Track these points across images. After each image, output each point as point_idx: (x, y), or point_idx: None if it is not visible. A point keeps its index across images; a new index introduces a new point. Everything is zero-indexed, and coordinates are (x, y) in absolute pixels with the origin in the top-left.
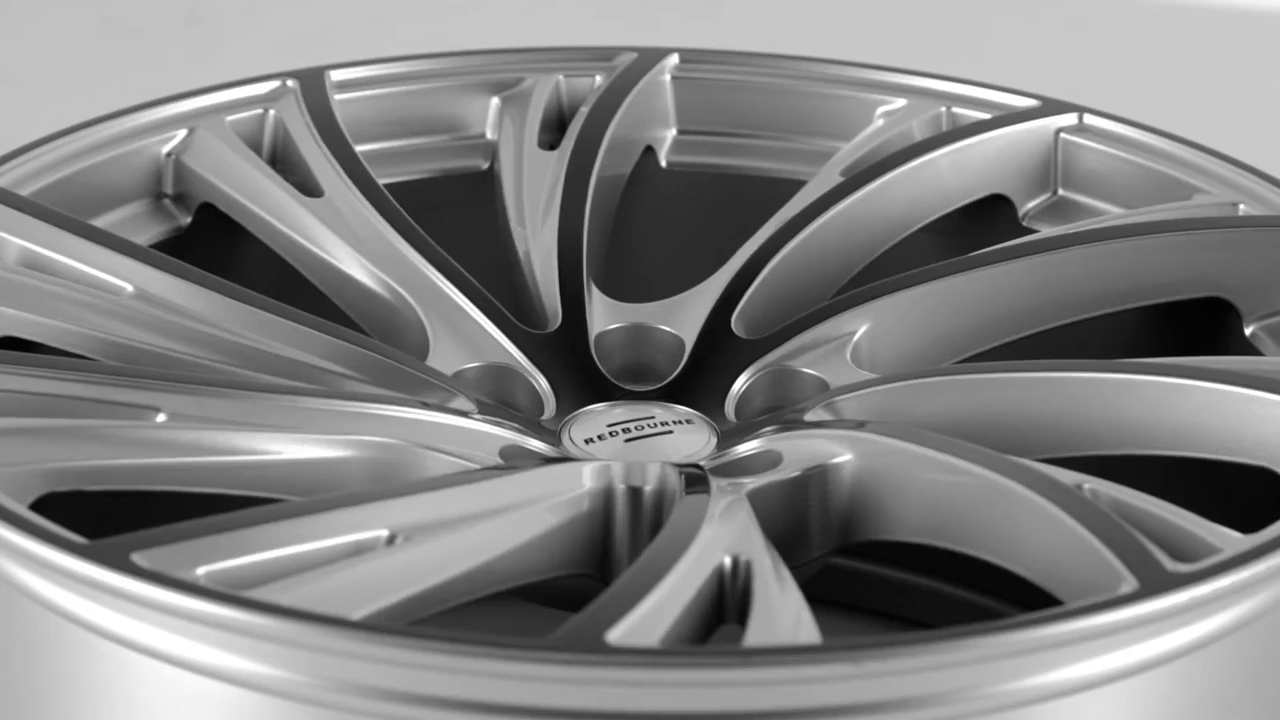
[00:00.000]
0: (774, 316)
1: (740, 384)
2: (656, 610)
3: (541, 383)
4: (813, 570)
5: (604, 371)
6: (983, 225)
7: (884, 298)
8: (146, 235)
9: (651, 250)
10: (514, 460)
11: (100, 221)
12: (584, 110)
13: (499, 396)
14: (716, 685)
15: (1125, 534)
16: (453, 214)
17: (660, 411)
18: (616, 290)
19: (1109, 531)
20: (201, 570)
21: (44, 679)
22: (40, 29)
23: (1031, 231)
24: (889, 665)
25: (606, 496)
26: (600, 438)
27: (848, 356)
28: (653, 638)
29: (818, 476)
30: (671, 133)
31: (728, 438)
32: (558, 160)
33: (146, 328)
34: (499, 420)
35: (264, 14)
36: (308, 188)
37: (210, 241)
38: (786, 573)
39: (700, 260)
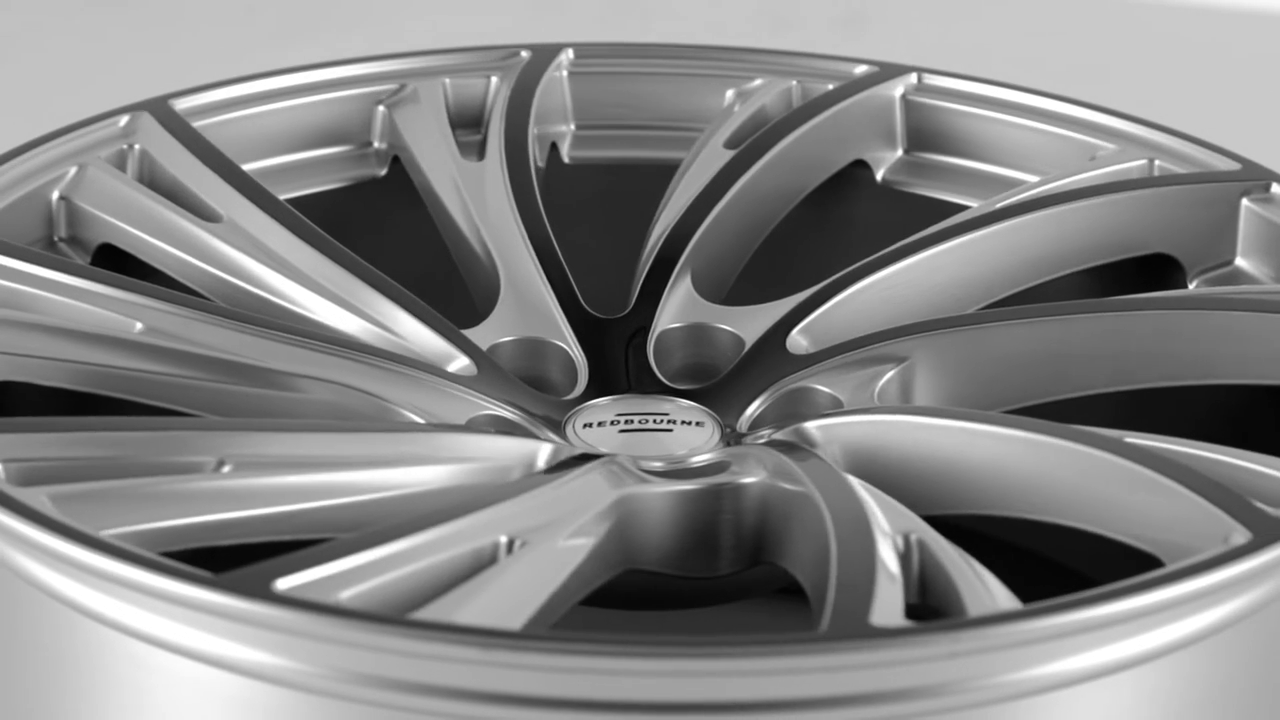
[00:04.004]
0: (843, 335)
1: (764, 396)
2: (361, 568)
3: (580, 364)
4: (750, 586)
5: (651, 363)
6: (1150, 282)
7: (933, 334)
8: (338, 178)
9: (842, 263)
10: (475, 427)
11: (301, 158)
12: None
13: (531, 372)
14: (354, 646)
15: (865, 583)
16: (641, 202)
17: (675, 409)
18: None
19: (853, 577)
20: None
21: None
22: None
23: None
24: (521, 659)
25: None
26: (600, 425)
27: (876, 386)
28: (335, 593)
29: (730, 492)
30: (896, 152)
31: (727, 443)
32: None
33: (220, 261)
34: (486, 391)
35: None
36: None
37: (381, 199)
38: (563, 566)
39: None
